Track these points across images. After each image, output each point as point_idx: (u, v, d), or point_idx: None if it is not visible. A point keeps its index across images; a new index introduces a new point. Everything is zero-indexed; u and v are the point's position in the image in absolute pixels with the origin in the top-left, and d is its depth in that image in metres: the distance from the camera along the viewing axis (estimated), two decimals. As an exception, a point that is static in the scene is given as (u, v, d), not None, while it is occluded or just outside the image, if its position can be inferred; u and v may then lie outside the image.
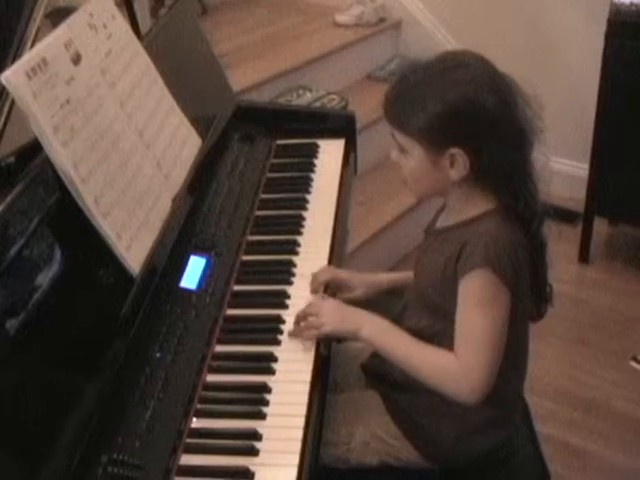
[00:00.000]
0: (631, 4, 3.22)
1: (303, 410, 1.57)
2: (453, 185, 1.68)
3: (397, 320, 1.81)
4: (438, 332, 1.73)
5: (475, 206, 1.70)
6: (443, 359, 1.69)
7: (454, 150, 1.62)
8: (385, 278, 2.05)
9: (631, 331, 3.27)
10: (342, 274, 1.97)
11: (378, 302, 1.98)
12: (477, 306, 1.64)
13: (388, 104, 1.70)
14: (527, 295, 1.73)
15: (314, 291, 1.90)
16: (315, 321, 1.74)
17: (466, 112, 1.61)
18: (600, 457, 2.72)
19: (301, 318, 1.76)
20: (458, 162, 1.63)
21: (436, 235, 1.79)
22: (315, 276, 1.92)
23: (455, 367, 1.66)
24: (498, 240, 1.63)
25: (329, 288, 1.92)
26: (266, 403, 1.58)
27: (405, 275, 2.00)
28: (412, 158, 1.68)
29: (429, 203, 1.97)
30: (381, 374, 1.86)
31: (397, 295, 1.95)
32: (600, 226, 3.75)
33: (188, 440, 1.50)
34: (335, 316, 1.75)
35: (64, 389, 1.42)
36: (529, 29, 3.99)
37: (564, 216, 3.74)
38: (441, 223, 1.80)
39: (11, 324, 1.34)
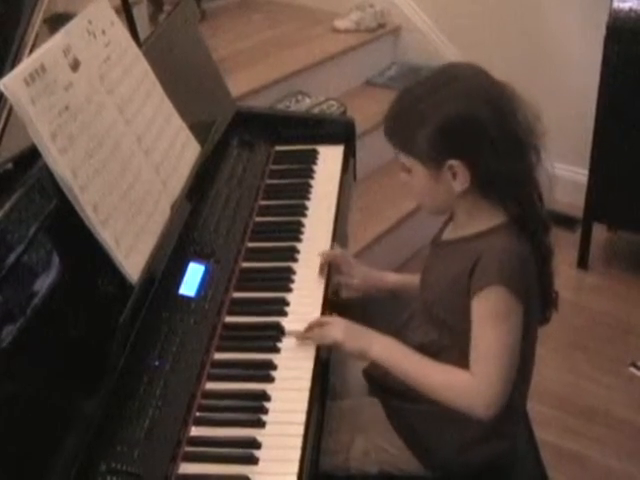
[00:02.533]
0: (630, 10, 3.22)
1: (303, 418, 1.56)
2: (459, 198, 1.68)
3: (402, 329, 1.81)
4: (445, 347, 1.73)
5: (483, 219, 1.70)
6: (456, 377, 1.68)
7: (452, 162, 1.63)
8: (386, 278, 2.06)
9: (630, 337, 3.27)
10: (349, 257, 2.03)
11: (383, 311, 1.98)
12: (492, 323, 1.64)
13: (388, 126, 1.72)
14: (537, 305, 1.73)
15: (321, 267, 1.96)
16: (326, 338, 1.74)
17: (459, 125, 1.62)
18: (599, 463, 2.71)
19: (310, 329, 1.76)
20: (458, 174, 1.64)
21: (443, 247, 1.80)
22: (324, 252, 1.98)
23: (469, 384, 1.65)
24: (511, 256, 1.63)
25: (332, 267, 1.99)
26: (265, 411, 1.57)
27: (406, 279, 2.02)
28: (415, 176, 1.69)
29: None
30: (383, 381, 1.85)
31: (402, 304, 1.95)
32: (599, 232, 3.75)
33: (187, 448, 1.49)
34: (345, 334, 1.74)
35: (62, 398, 1.41)
36: (528, 35, 3.99)
37: (563, 222, 3.74)
38: (448, 235, 1.80)
39: (9, 332, 1.33)
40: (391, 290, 2.08)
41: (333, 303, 1.90)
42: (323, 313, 1.84)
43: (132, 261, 1.62)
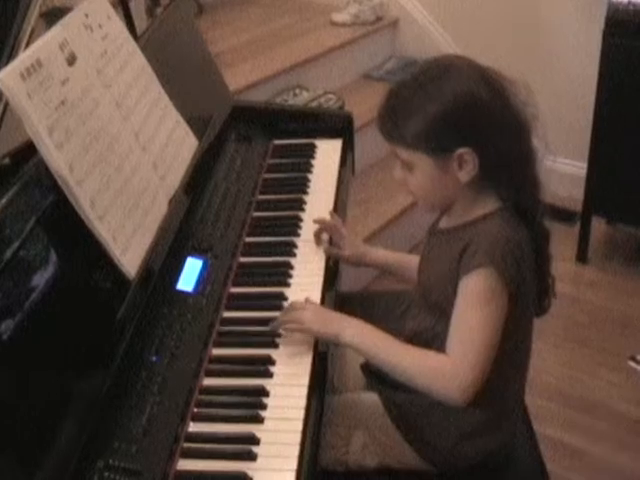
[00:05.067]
0: (629, 3, 3.21)
1: (301, 414, 1.55)
2: (462, 188, 1.67)
3: (400, 319, 1.81)
4: (439, 333, 1.72)
5: (480, 207, 1.70)
6: (432, 360, 1.67)
7: (461, 150, 1.61)
8: (375, 254, 2.08)
9: (629, 331, 3.27)
10: (342, 229, 2.04)
11: (382, 304, 1.99)
12: (475, 304, 1.62)
13: (384, 122, 1.69)
14: (532, 292, 1.72)
15: (317, 234, 2.03)
16: (298, 318, 1.72)
17: (465, 109, 1.61)
18: (599, 457, 2.71)
19: (283, 317, 1.75)
20: (467, 162, 1.62)
21: (440, 235, 1.79)
22: (321, 218, 2.05)
23: (445, 366, 1.64)
24: (503, 239, 1.62)
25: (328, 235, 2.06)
26: (264, 407, 1.56)
27: (396, 257, 2.06)
28: (419, 171, 1.67)
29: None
30: (381, 375, 1.84)
31: (400, 296, 1.95)
32: (598, 225, 3.75)
33: (185, 445, 1.48)
34: (317, 318, 1.73)
35: (60, 393, 1.40)
36: (526, 27, 3.99)
37: (562, 215, 3.74)
38: (445, 224, 1.79)
39: (5, 327, 1.32)
40: (381, 266, 2.12)
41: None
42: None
43: (129, 256, 1.61)
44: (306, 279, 1.92)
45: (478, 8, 4.09)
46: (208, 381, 1.63)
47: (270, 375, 1.64)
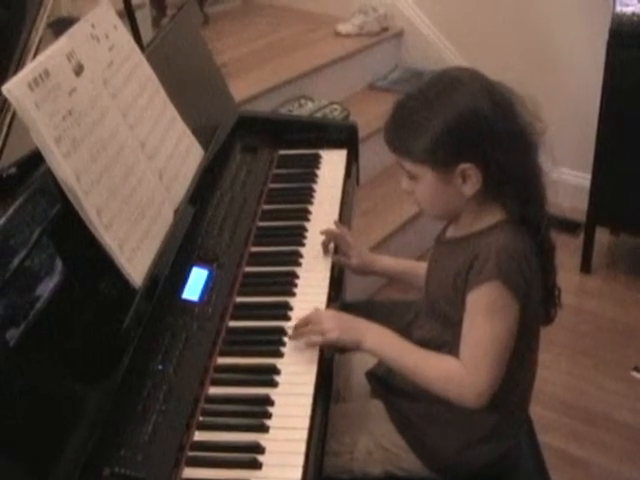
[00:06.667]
0: (633, 14, 3.22)
1: (306, 423, 1.55)
2: (467, 200, 1.68)
3: (407, 328, 1.81)
4: (447, 341, 1.72)
5: (486, 218, 1.70)
6: (448, 365, 1.69)
7: (464, 166, 1.62)
8: (382, 262, 2.08)
9: (633, 341, 3.27)
10: (349, 238, 2.04)
11: (389, 310, 1.99)
12: (485, 315, 1.64)
13: (390, 135, 1.70)
14: (538, 302, 1.73)
15: (325, 244, 2.03)
16: (317, 328, 1.73)
17: (468, 126, 1.61)
18: (602, 467, 2.71)
19: (302, 325, 1.75)
20: (470, 177, 1.63)
21: (447, 245, 1.79)
22: (328, 229, 2.05)
23: (460, 372, 1.66)
24: (509, 252, 1.63)
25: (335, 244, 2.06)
26: (269, 416, 1.56)
27: (404, 264, 2.07)
28: (424, 183, 1.68)
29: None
30: (386, 382, 1.85)
31: (406, 305, 1.95)
32: (602, 236, 3.75)
33: (190, 453, 1.48)
34: (337, 325, 1.74)
35: (65, 402, 1.41)
36: (531, 39, 3.99)
37: (566, 226, 3.74)
38: (451, 233, 1.80)
39: (12, 335, 1.33)
40: (388, 274, 2.13)
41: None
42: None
43: (135, 265, 1.62)
44: (311, 289, 1.92)
45: (482, 19, 4.10)
46: (213, 390, 1.63)
47: (275, 384, 1.65)
